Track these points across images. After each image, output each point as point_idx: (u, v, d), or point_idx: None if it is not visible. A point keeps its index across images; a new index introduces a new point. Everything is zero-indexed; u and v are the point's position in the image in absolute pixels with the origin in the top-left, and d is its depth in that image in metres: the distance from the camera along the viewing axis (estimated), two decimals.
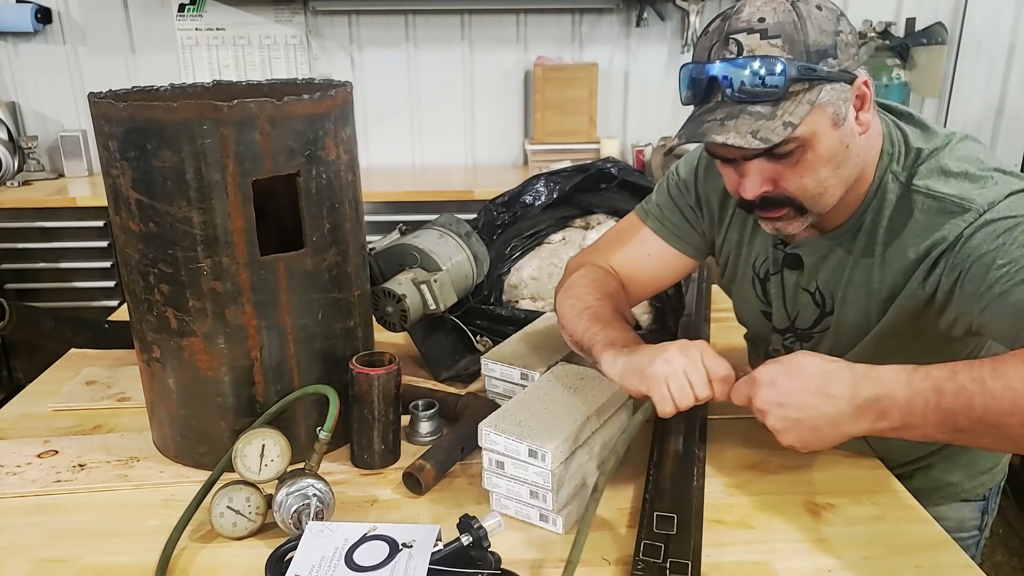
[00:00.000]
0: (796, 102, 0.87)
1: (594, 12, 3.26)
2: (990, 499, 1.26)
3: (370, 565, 0.82)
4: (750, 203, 0.95)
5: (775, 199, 0.93)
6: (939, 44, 3.16)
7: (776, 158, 0.90)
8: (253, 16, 3.18)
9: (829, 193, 0.94)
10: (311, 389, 1.09)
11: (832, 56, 0.88)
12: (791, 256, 1.07)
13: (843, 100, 0.90)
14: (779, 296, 1.12)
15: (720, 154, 0.94)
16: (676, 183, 1.20)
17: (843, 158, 0.92)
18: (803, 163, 0.90)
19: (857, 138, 0.93)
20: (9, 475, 1.11)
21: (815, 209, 0.95)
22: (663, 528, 0.94)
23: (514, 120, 3.40)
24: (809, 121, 0.87)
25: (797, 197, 0.93)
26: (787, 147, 0.89)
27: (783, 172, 0.92)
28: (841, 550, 0.94)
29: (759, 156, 0.90)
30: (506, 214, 1.59)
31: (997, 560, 2.49)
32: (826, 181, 0.92)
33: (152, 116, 0.96)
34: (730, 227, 1.16)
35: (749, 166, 0.92)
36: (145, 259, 1.03)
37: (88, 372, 1.43)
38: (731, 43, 0.87)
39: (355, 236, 1.13)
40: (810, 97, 0.87)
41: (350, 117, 1.11)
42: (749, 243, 1.14)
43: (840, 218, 1.01)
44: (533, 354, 1.23)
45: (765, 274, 1.13)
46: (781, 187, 0.92)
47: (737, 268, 1.17)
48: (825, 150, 0.90)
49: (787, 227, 0.97)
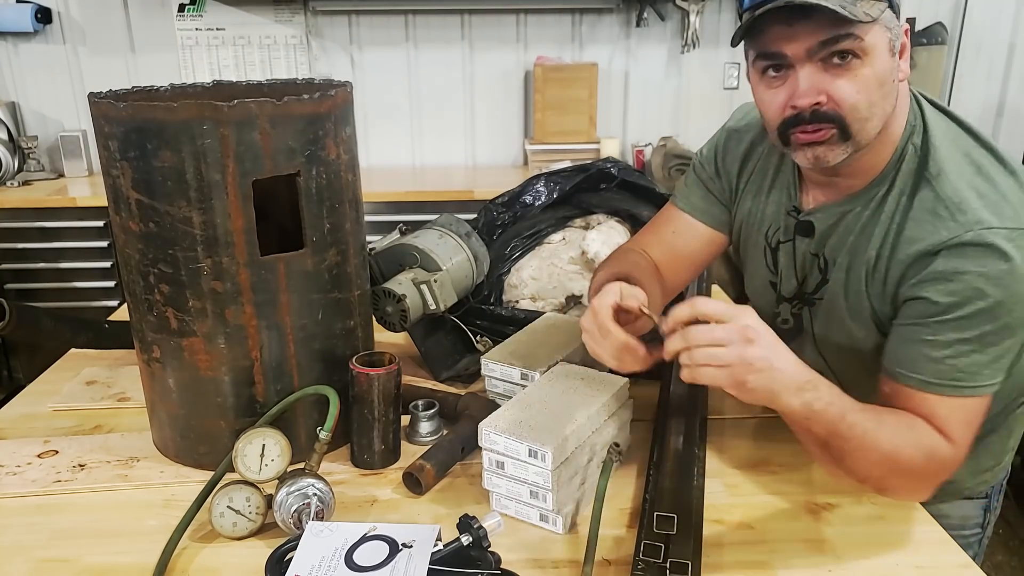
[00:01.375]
0: (870, 3, 0.88)
1: (594, 12, 3.26)
2: (992, 497, 1.26)
3: (370, 565, 0.82)
4: (795, 123, 0.94)
5: (825, 114, 0.92)
6: (939, 44, 3.16)
7: (834, 66, 0.90)
8: (253, 16, 3.18)
9: (872, 121, 0.93)
10: (311, 389, 1.09)
11: None
12: (804, 223, 1.08)
13: (898, 32, 0.92)
14: (789, 265, 1.12)
15: (780, 49, 0.91)
16: (700, 160, 1.24)
17: (889, 89, 0.93)
18: (860, 77, 0.90)
19: (899, 81, 0.95)
20: (9, 475, 1.11)
21: (859, 136, 0.93)
22: (663, 528, 0.94)
23: (514, 120, 3.40)
24: (875, 31, 0.89)
25: (847, 116, 0.92)
26: (853, 44, 0.89)
27: (836, 83, 0.91)
28: (841, 550, 0.95)
29: (818, 60, 0.90)
30: (506, 214, 1.59)
31: (997, 560, 2.49)
32: (874, 106, 0.92)
33: (152, 116, 0.96)
34: (743, 195, 1.17)
35: (804, 70, 0.91)
36: (145, 259, 1.03)
37: (88, 372, 1.43)
38: None
39: (355, 236, 1.13)
40: (880, 7, 0.89)
41: (350, 117, 1.11)
42: (763, 211, 1.15)
43: (860, 182, 1.01)
44: (533, 354, 1.23)
45: (776, 243, 1.13)
46: (834, 100, 0.92)
47: (750, 238, 1.18)
48: (880, 70, 0.91)
49: (828, 153, 0.95)
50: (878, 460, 0.90)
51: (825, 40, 0.88)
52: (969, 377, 0.92)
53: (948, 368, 0.92)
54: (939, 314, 0.91)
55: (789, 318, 1.15)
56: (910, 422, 0.92)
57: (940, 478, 0.94)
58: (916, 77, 3.18)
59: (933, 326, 0.92)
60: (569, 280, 1.51)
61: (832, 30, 0.87)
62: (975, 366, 0.91)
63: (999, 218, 0.90)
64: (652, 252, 1.23)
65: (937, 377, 0.92)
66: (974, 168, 0.95)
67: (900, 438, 0.90)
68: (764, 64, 0.94)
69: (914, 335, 0.93)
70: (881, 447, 0.89)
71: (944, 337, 0.91)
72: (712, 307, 0.86)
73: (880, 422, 0.90)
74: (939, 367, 0.92)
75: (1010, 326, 0.91)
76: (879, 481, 0.94)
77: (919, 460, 0.91)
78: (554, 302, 1.52)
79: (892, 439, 0.90)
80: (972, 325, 0.90)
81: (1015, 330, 0.92)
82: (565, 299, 1.52)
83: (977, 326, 0.90)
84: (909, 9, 3.25)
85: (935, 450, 0.91)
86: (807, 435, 0.92)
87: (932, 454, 0.91)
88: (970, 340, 0.91)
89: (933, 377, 0.92)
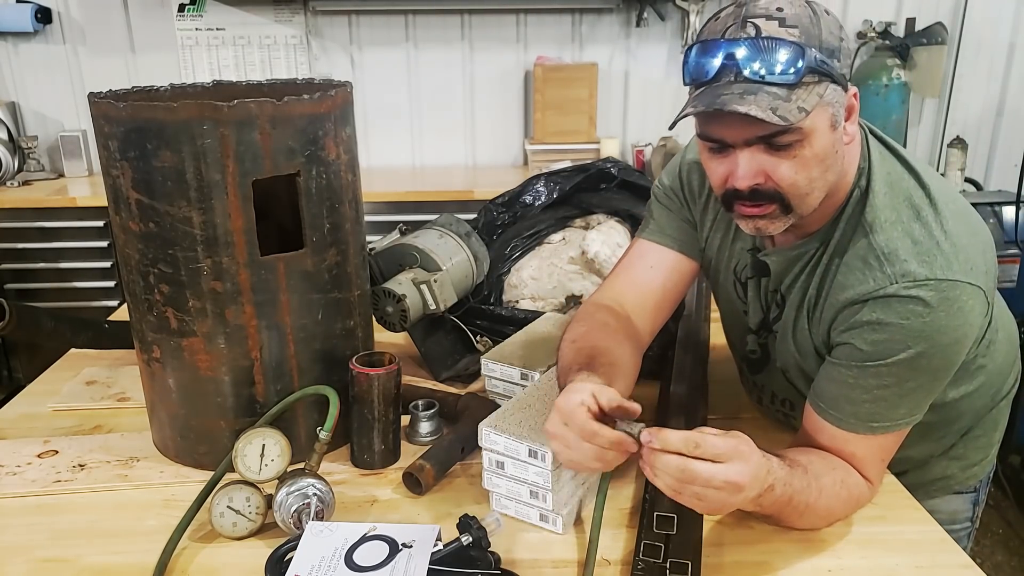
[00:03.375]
0: (808, 91, 0.88)
1: (594, 12, 3.26)
2: (980, 490, 1.28)
3: (370, 565, 0.82)
4: (735, 197, 0.95)
5: (765, 192, 0.93)
6: (939, 44, 3.16)
7: (774, 149, 0.90)
8: (253, 16, 3.18)
9: (814, 195, 0.94)
10: (311, 389, 1.09)
11: (837, 59, 0.89)
12: (761, 263, 1.09)
13: (840, 104, 0.91)
14: (756, 298, 1.13)
15: (720, 136, 0.93)
16: (663, 191, 1.21)
17: (832, 162, 0.93)
18: (799, 159, 0.91)
19: (843, 147, 0.95)
20: (9, 475, 1.11)
21: (800, 209, 0.95)
22: (663, 528, 0.94)
23: (514, 120, 3.40)
24: (814, 115, 0.88)
25: (787, 194, 0.93)
26: (790, 137, 0.89)
27: (776, 165, 0.91)
28: (841, 550, 0.95)
29: (757, 144, 0.90)
30: (506, 214, 1.59)
31: (997, 560, 2.49)
32: (815, 181, 0.93)
33: (152, 116, 0.96)
34: (712, 231, 1.17)
35: (744, 154, 0.92)
36: (145, 259, 1.03)
37: (88, 372, 1.43)
38: (749, 26, 0.87)
39: (355, 236, 1.13)
40: (819, 91, 0.88)
41: (350, 117, 1.11)
42: (731, 247, 1.15)
43: (811, 228, 1.02)
44: (533, 354, 1.23)
45: (745, 279, 1.14)
46: (773, 180, 0.92)
47: (719, 273, 1.18)
48: (820, 149, 0.91)
49: (769, 226, 0.96)
50: (814, 521, 0.97)
51: (763, 135, 0.89)
52: (885, 418, 0.96)
53: (866, 412, 0.96)
54: (862, 360, 0.94)
55: (756, 348, 1.17)
56: (843, 477, 0.97)
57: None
58: (916, 77, 3.18)
59: (856, 371, 0.95)
60: (569, 280, 1.51)
61: (768, 127, 0.87)
62: (891, 409, 0.96)
63: (928, 268, 0.91)
64: (627, 299, 1.16)
65: (855, 418, 0.96)
66: (912, 212, 0.96)
67: (836, 499, 0.96)
68: (707, 144, 0.96)
69: (838, 375, 0.97)
70: (819, 512, 0.95)
71: (865, 383, 0.94)
72: (711, 448, 0.82)
73: (820, 491, 0.93)
74: (857, 409, 0.96)
75: (931, 370, 0.94)
76: (809, 529, 0.99)
77: (848, 510, 0.99)
78: (554, 302, 1.52)
79: (829, 505, 0.95)
80: (892, 373, 0.93)
81: (936, 373, 0.95)
82: (565, 299, 1.52)
83: (897, 374, 0.93)
84: (909, 9, 3.25)
85: (860, 497, 0.99)
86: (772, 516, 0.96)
87: (858, 501, 0.99)
88: (889, 386, 0.94)
89: (851, 418, 0.96)
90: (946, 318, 0.91)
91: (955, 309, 0.91)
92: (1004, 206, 2.74)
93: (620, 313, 1.14)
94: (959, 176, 3.03)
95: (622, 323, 1.12)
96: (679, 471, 0.81)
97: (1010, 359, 1.19)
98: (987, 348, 1.08)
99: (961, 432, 1.18)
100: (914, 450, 1.11)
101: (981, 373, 1.10)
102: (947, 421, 1.13)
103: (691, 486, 0.81)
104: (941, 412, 1.08)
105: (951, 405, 1.09)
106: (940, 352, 0.92)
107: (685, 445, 0.81)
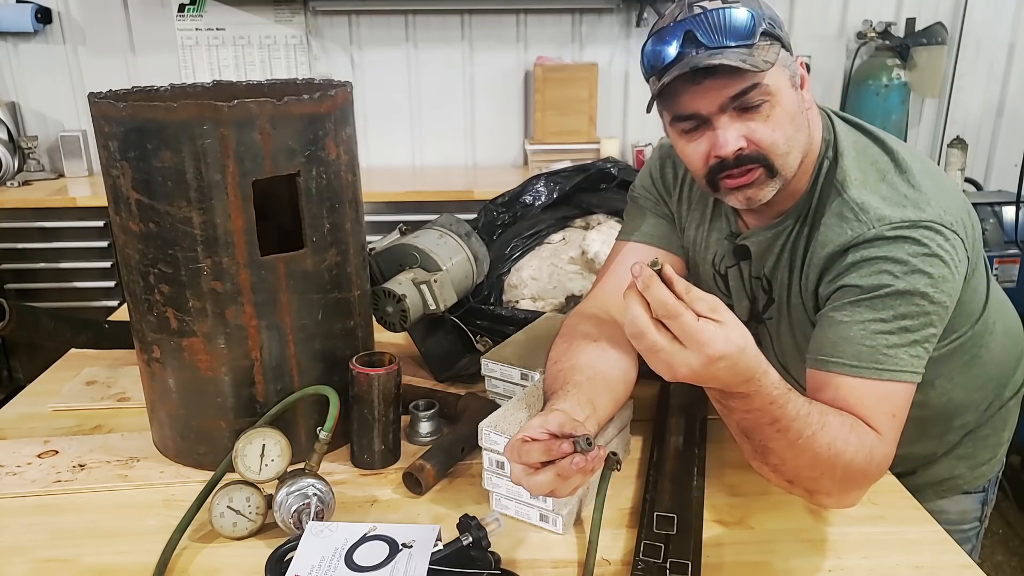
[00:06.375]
0: (766, 50, 0.93)
1: (594, 12, 3.26)
2: (989, 490, 1.28)
3: (370, 565, 0.82)
4: (721, 169, 0.97)
5: (749, 156, 0.96)
6: (939, 44, 3.16)
7: (747, 111, 0.94)
8: (253, 16, 3.18)
9: (793, 154, 0.98)
10: (311, 389, 1.09)
11: (781, 29, 0.95)
12: (740, 247, 1.10)
13: (795, 69, 0.98)
14: (739, 288, 1.14)
15: (695, 108, 0.95)
16: (637, 192, 1.23)
17: (800, 121, 0.98)
18: (772, 118, 0.95)
19: (806, 110, 0.99)
20: (9, 475, 1.11)
21: (783, 171, 0.98)
22: (663, 528, 0.94)
23: (514, 120, 3.40)
24: (776, 73, 0.94)
25: (769, 153, 0.96)
26: (760, 95, 0.93)
27: (753, 129, 0.95)
28: (841, 550, 0.95)
29: (731, 111, 0.94)
30: (506, 214, 1.59)
31: (997, 560, 2.49)
32: (791, 139, 0.97)
33: (152, 116, 0.96)
34: (687, 224, 1.19)
35: (722, 120, 0.95)
36: (145, 259, 1.03)
37: (88, 372, 1.43)
38: (696, 8, 0.93)
39: (355, 236, 1.13)
40: (775, 51, 0.93)
41: (350, 117, 1.11)
42: (706, 239, 1.16)
43: (785, 204, 1.04)
44: (533, 354, 1.23)
45: (724, 270, 1.15)
46: (754, 142, 0.95)
47: (698, 266, 1.19)
48: (789, 106, 0.96)
49: (758, 193, 0.98)
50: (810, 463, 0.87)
51: (735, 95, 0.93)
52: (888, 360, 0.92)
53: (867, 350, 0.92)
54: (855, 296, 0.94)
55: None
56: (852, 423, 0.89)
57: (874, 480, 0.93)
58: (916, 77, 3.18)
59: (849, 308, 0.94)
60: (569, 280, 1.51)
61: (739, 84, 0.92)
62: (892, 348, 0.92)
63: (902, 212, 0.95)
64: (612, 304, 1.11)
65: (857, 359, 0.92)
66: (878, 175, 1.00)
67: (841, 440, 0.87)
68: (681, 126, 0.99)
69: (832, 320, 0.95)
70: (817, 449, 0.86)
71: (860, 317, 0.93)
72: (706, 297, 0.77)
73: (823, 425, 0.86)
74: (859, 348, 0.92)
75: (926, 313, 0.92)
76: (811, 483, 0.91)
77: (857, 459, 0.88)
78: (554, 302, 1.52)
79: (832, 443, 0.86)
80: (887, 306, 0.92)
81: (930, 317, 0.93)
82: (565, 299, 1.52)
83: (891, 306, 0.92)
84: (909, 9, 3.25)
85: (872, 449, 0.89)
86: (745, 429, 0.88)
87: (870, 452, 0.89)
88: (886, 320, 0.92)
89: (853, 359, 0.92)
90: (927, 254, 0.92)
91: (935, 246, 0.93)
92: (1004, 206, 2.74)
93: (605, 320, 1.10)
94: (959, 176, 3.03)
95: (605, 331, 1.07)
96: (661, 304, 0.75)
97: (1013, 355, 1.19)
98: (982, 336, 1.08)
99: (965, 430, 1.18)
100: (916, 447, 1.11)
101: (976, 364, 1.10)
102: (943, 415, 1.13)
103: (658, 334, 0.76)
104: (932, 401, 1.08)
105: (943, 394, 1.09)
106: (927, 288, 0.92)
107: (678, 288, 0.76)
